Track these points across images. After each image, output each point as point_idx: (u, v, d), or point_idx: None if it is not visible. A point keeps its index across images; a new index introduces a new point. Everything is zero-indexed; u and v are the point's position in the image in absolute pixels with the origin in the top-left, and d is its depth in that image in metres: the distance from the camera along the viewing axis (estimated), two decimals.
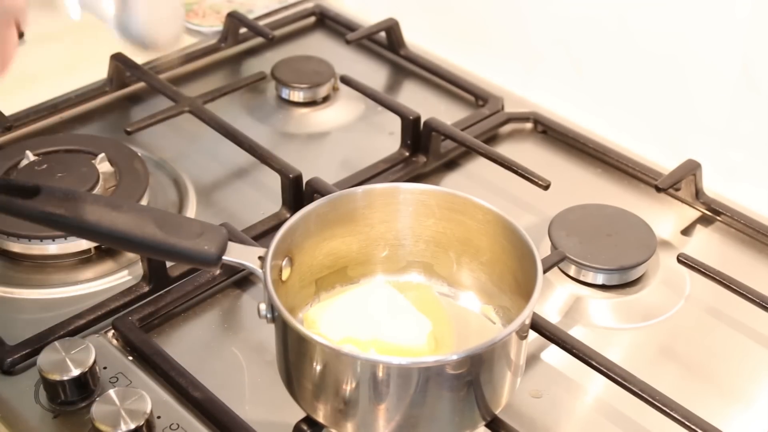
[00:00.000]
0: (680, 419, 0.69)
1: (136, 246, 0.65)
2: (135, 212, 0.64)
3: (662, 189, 0.90)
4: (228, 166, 0.97)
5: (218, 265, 0.67)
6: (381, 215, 0.76)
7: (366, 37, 1.14)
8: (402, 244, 0.77)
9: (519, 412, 0.73)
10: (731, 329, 0.82)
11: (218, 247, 0.66)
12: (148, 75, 1.04)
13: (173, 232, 0.64)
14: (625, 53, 1.02)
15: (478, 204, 0.73)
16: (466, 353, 0.62)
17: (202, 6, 1.20)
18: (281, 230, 0.70)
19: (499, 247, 0.73)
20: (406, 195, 0.75)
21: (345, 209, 0.75)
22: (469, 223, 0.74)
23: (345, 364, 0.63)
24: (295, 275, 0.73)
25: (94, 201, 0.65)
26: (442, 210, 0.75)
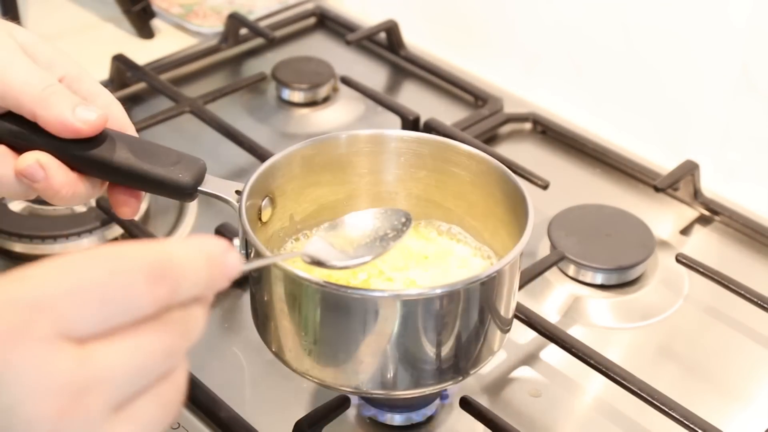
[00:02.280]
0: (679, 418, 0.69)
1: (106, 171, 0.60)
2: (109, 138, 0.60)
3: (661, 189, 0.91)
4: (228, 167, 0.97)
5: (193, 196, 0.63)
6: (370, 164, 0.73)
7: (366, 37, 1.14)
8: (393, 198, 0.74)
9: (518, 411, 0.74)
10: (730, 329, 0.82)
11: (194, 177, 0.62)
12: (148, 75, 1.04)
13: (147, 158, 0.61)
14: (624, 53, 1.02)
15: (473, 153, 0.70)
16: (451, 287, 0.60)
17: (203, 7, 1.21)
18: (262, 166, 0.67)
19: (492, 200, 0.70)
20: (398, 143, 0.72)
21: (332, 154, 0.71)
22: (462, 175, 0.71)
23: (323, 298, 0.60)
24: (276, 219, 0.70)
25: None
26: (436, 161, 0.72)
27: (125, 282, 0.39)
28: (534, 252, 0.87)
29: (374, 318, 0.60)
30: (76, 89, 0.60)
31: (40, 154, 0.58)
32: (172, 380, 0.42)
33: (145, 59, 1.08)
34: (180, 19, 1.19)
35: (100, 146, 0.59)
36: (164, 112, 0.98)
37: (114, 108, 0.62)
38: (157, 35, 1.17)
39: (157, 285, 0.40)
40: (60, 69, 0.61)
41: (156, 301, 0.40)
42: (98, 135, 0.59)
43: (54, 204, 0.61)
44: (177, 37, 1.17)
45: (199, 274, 0.42)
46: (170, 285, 0.41)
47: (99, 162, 0.59)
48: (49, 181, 0.58)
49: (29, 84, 0.57)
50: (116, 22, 1.19)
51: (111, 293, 0.39)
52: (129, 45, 1.14)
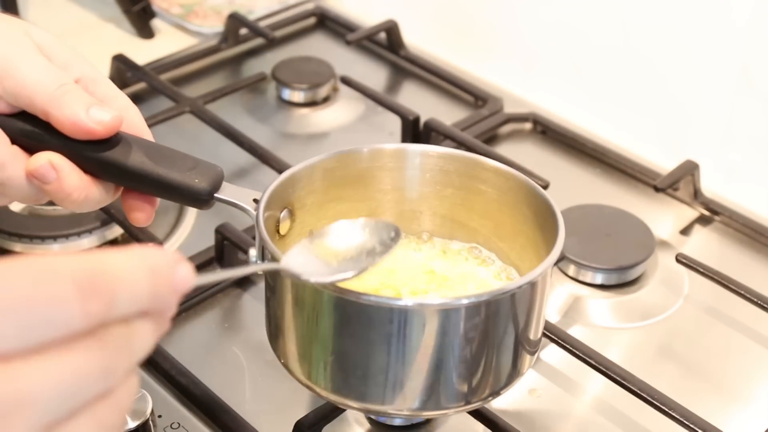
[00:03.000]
0: (679, 418, 0.69)
1: (119, 175, 0.59)
2: (124, 141, 0.59)
3: (661, 189, 0.91)
4: (228, 167, 0.97)
5: (210, 203, 0.61)
6: (394, 180, 0.70)
7: (366, 37, 1.14)
8: (416, 216, 0.71)
9: (518, 410, 0.74)
10: (730, 328, 0.82)
11: (210, 183, 0.60)
12: (149, 75, 1.04)
13: (163, 163, 0.59)
14: (624, 53, 1.02)
15: (501, 169, 0.67)
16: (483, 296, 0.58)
17: (203, 7, 1.21)
18: (281, 176, 0.65)
19: (521, 218, 0.67)
20: (423, 159, 0.69)
21: (354, 168, 0.69)
22: (490, 192, 0.68)
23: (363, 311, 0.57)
24: (295, 233, 0.67)
25: None
26: (462, 178, 0.69)
27: (52, 294, 0.36)
28: None
29: (400, 329, 0.57)
30: (92, 91, 0.59)
31: (52, 155, 0.57)
32: (111, 401, 0.38)
33: (145, 59, 1.08)
34: (180, 19, 1.19)
35: (114, 149, 0.58)
36: (164, 112, 0.98)
37: (130, 111, 0.61)
38: (157, 35, 1.18)
39: (89, 299, 0.37)
40: (76, 70, 0.60)
41: (88, 315, 0.37)
42: (113, 137, 0.58)
43: (66, 208, 0.59)
44: (177, 37, 1.17)
45: (139, 286, 0.39)
46: (104, 299, 0.37)
47: (113, 165, 0.58)
48: (61, 183, 0.57)
49: (43, 83, 0.56)
50: (116, 22, 1.19)
51: (36, 306, 0.36)
52: (129, 45, 1.14)
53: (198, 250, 0.84)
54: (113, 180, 0.59)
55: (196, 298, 0.81)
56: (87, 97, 0.57)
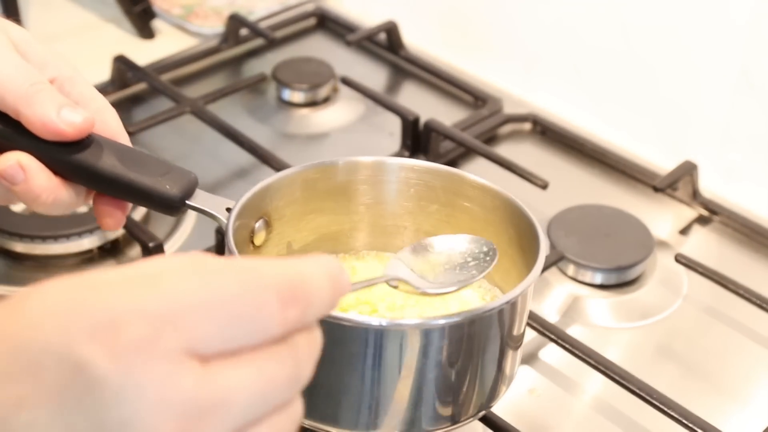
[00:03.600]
0: (678, 417, 0.70)
1: (89, 178, 0.57)
2: (96, 143, 0.57)
3: (660, 189, 0.91)
4: (229, 167, 0.98)
5: (181, 210, 0.59)
6: (377, 194, 0.68)
7: (366, 38, 1.14)
8: (400, 232, 0.69)
9: (517, 409, 0.74)
10: (729, 328, 0.82)
11: (182, 189, 0.58)
12: (149, 76, 1.04)
13: (135, 167, 0.57)
14: (623, 54, 1.03)
15: (487, 187, 0.65)
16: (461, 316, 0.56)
17: (204, 7, 1.21)
18: (257, 186, 0.63)
19: (505, 238, 0.65)
20: (408, 173, 0.67)
21: (336, 180, 0.67)
22: (476, 211, 0.66)
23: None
24: (271, 245, 0.66)
25: None
26: (448, 194, 0.67)
27: (258, 300, 0.37)
28: None
29: (375, 350, 0.55)
30: (68, 91, 0.58)
31: (21, 155, 0.55)
32: (289, 411, 0.39)
33: (146, 60, 1.08)
34: (180, 19, 1.19)
35: (85, 151, 0.56)
36: (165, 113, 0.99)
37: (106, 113, 0.59)
38: (157, 36, 1.18)
39: (289, 306, 0.37)
40: (53, 69, 0.58)
41: (285, 323, 0.37)
42: (84, 140, 0.56)
43: (35, 210, 0.57)
44: (178, 38, 1.17)
45: (325, 295, 0.39)
46: (301, 307, 0.38)
47: (82, 168, 0.56)
48: (29, 184, 0.55)
49: (15, 80, 0.54)
50: (117, 22, 1.19)
51: (242, 311, 0.37)
52: (130, 45, 1.14)
53: (198, 250, 0.84)
54: (83, 183, 0.58)
55: None
56: (59, 97, 0.55)
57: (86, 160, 0.56)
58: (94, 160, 0.56)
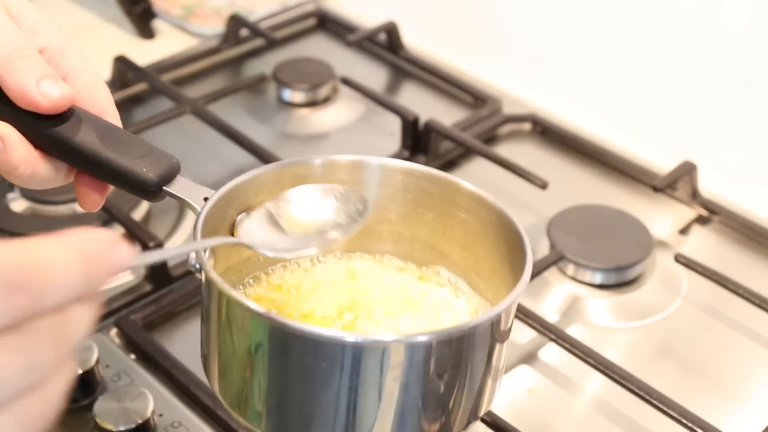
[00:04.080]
0: (677, 417, 0.70)
1: (67, 153, 0.55)
2: (77, 118, 0.55)
3: (659, 189, 0.91)
4: (229, 167, 0.98)
5: (157, 196, 0.56)
6: (376, 197, 0.64)
7: (366, 38, 1.14)
8: (396, 239, 0.66)
9: (517, 409, 0.74)
10: (728, 328, 0.82)
11: (159, 174, 0.55)
12: (150, 76, 1.04)
13: (114, 147, 0.55)
14: (622, 54, 1.03)
15: (482, 198, 0.62)
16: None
17: (204, 8, 1.21)
18: (240, 177, 0.59)
19: (497, 255, 0.61)
20: (405, 177, 0.63)
21: (331, 178, 0.63)
22: (471, 223, 0.63)
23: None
24: None
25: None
26: (445, 204, 0.63)
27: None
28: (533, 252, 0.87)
29: (352, 367, 0.51)
30: (57, 63, 0.56)
31: (1, 125, 0.54)
32: (40, 393, 0.37)
33: (146, 60, 1.09)
34: (181, 20, 1.19)
35: (64, 125, 0.54)
36: (165, 113, 0.99)
37: (95, 89, 0.57)
38: (158, 36, 1.18)
39: (14, 294, 0.35)
40: (44, 39, 0.56)
41: (10, 311, 0.35)
42: (65, 113, 0.54)
43: (13, 182, 0.56)
44: (178, 38, 1.18)
45: (70, 275, 0.37)
46: (31, 293, 0.35)
47: (59, 142, 0.54)
48: (8, 155, 0.53)
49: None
50: (117, 22, 1.19)
51: None
52: (130, 46, 1.14)
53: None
54: (61, 158, 0.56)
55: (197, 298, 0.82)
56: (43, 67, 0.53)
57: (63, 134, 0.55)
58: (72, 135, 0.55)
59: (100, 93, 0.57)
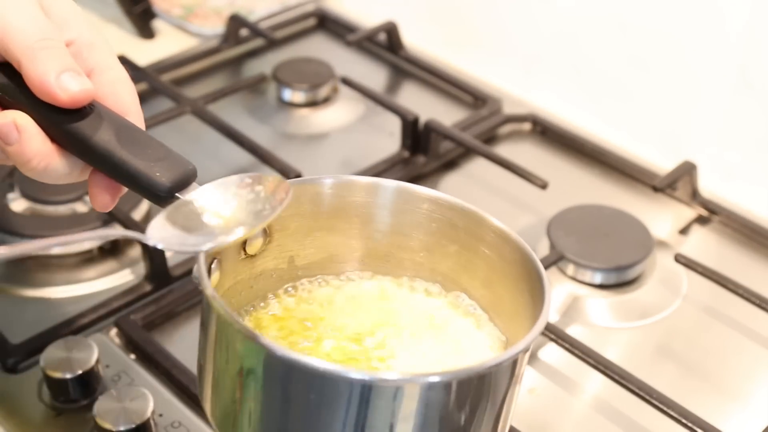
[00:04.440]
0: (677, 417, 0.70)
1: (82, 149, 0.54)
2: (96, 114, 0.53)
3: (659, 189, 0.91)
4: (229, 167, 0.98)
5: (170, 202, 0.54)
6: (396, 222, 0.62)
7: (366, 38, 1.14)
8: (416, 268, 0.63)
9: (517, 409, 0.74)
10: (728, 328, 0.82)
11: (173, 180, 0.53)
12: (150, 76, 1.04)
13: (130, 147, 0.53)
14: (622, 54, 1.03)
15: (510, 237, 0.59)
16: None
17: (204, 8, 1.21)
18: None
19: (519, 296, 0.58)
20: (431, 206, 0.61)
21: (352, 200, 0.61)
22: (494, 260, 0.60)
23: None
24: (269, 256, 0.61)
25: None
26: (470, 237, 0.61)
27: None
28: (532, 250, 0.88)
29: (359, 406, 0.49)
30: (85, 57, 0.55)
31: (18, 115, 0.53)
32: None
33: (147, 60, 1.09)
34: (181, 20, 1.19)
35: (83, 120, 0.53)
36: (165, 113, 0.99)
37: (120, 86, 0.56)
38: (158, 36, 1.18)
39: None
40: (73, 31, 0.55)
41: None
42: (84, 108, 0.53)
43: (26, 174, 0.54)
44: (178, 38, 1.18)
45: None
46: None
47: (76, 137, 0.53)
48: (23, 146, 0.52)
49: (25, 32, 0.52)
50: (117, 22, 1.19)
51: None
52: (130, 46, 1.14)
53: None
54: (76, 154, 0.55)
55: (197, 298, 0.82)
56: (66, 59, 0.53)
57: (80, 130, 0.53)
58: (89, 132, 0.53)
59: (124, 91, 0.56)
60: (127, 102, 0.56)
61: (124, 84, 0.56)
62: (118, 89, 0.56)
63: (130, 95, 0.56)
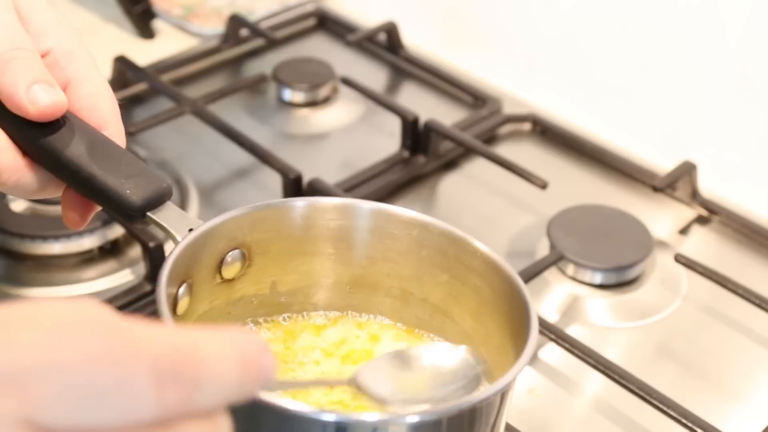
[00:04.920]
0: (677, 417, 0.70)
1: (52, 164, 0.52)
2: (69, 128, 0.51)
3: (659, 189, 0.91)
4: (229, 167, 0.98)
5: (139, 220, 0.53)
6: (386, 248, 0.60)
7: (366, 38, 1.14)
8: (406, 298, 0.61)
9: (517, 409, 0.74)
10: (728, 328, 0.82)
11: (144, 198, 0.51)
12: (150, 76, 1.04)
13: (103, 163, 0.51)
14: (622, 54, 1.03)
15: (500, 268, 0.56)
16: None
17: (204, 8, 1.21)
18: (234, 212, 0.56)
19: (509, 332, 0.56)
20: (422, 232, 0.59)
21: (340, 223, 0.59)
22: (485, 291, 0.58)
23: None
24: (249, 281, 0.58)
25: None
26: (460, 266, 0.58)
27: (125, 371, 0.30)
28: (533, 252, 0.88)
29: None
30: (62, 67, 0.53)
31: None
32: None
33: (146, 60, 1.09)
34: (181, 20, 1.19)
35: (55, 134, 0.51)
36: (165, 113, 0.99)
37: (98, 99, 0.54)
38: (158, 36, 1.18)
39: (168, 385, 0.31)
40: (51, 40, 0.53)
41: (162, 405, 0.31)
42: (57, 122, 0.51)
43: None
44: (178, 38, 1.18)
45: (228, 377, 0.33)
46: (186, 389, 0.31)
47: (46, 151, 0.51)
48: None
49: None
50: (117, 22, 1.19)
51: (103, 380, 0.30)
52: (130, 46, 1.14)
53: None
54: (47, 168, 0.53)
55: None
56: (39, 71, 0.50)
57: (50, 144, 0.51)
58: (59, 146, 0.51)
59: (103, 104, 0.54)
60: (104, 115, 0.54)
61: (102, 96, 0.54)
62: (96, 102, 0.54)
63: (109, 108, 0.54)
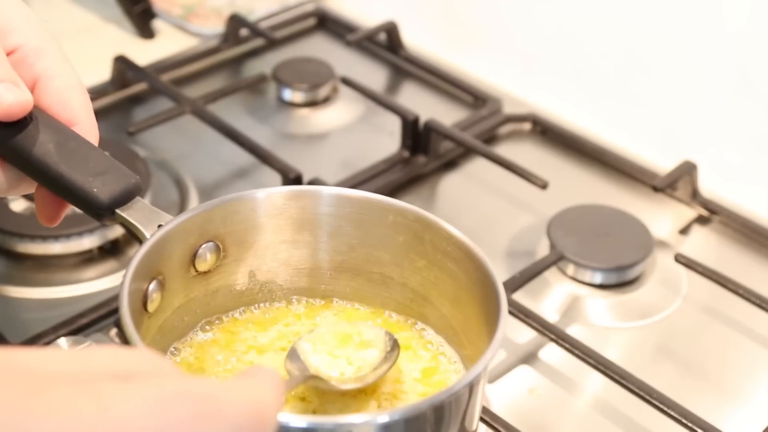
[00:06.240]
0: (677, 417, 0.70)
1: (19, 162, 0.51)
2: (36, 125, 0.51)
3: (659, 189, 0.91)
4: (229, 167, 0.98)
5: (109, 218, 0.52)
6: (364, 235, 0.60)
7: (366, 38, 1.14)
8: (386, 282, 0.61)
9: (517, 409, 0.74)
10: (728, 328, 0.82)
11: (112, 196, 0.51)
12: (150, 76, 1.04)
13: (70, 160, 0.51)
14: (622, 54, 1.03)
15: (473, 254, 0.56)
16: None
17: (204, 8, 1.21)
18: (205, 205, 0.56)
19: (484, 318, 0.55)
20: (397, 218, 0.59)
21: (316, 212, 0.59)
22: (461, 277, 0.58)
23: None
24: (226, 272, 0.59)
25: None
26: (436, 252, 0.58)
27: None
28: (533, 252, 0.88)
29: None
30: (30, 63, 0.52)
31: None
32: None
33: (146, 60, 1.09)
34: (181, 19, 1.19)
35: (22, 133, 0.51)
36: (165, 113, 0.99)
37: (68, 94, 0.53)
38: (158, 36, 1.18)
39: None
40: (17, 37, 0.52)
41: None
42: (24, 119, 0.51)
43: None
44: (178, 38, 1.18)
45: (243, 429, 0.33)
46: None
47: (13, 150, 0.51)
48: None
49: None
50: (117, 22, 1.19)
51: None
52: (130, 46, 1.14)
53: None
54: (17, 167, 0.52)
55: None
56: (3, 70, 0.49)
57: (17, 143, 0.51)
58: (26, 144, 0.51)
59: (73, 99, 0.53)
60: (75, 110, 0.53)
61: (73, 92, 0.53)
62: (66, 97, 0.53)
63: (80, 103, 0.53)
